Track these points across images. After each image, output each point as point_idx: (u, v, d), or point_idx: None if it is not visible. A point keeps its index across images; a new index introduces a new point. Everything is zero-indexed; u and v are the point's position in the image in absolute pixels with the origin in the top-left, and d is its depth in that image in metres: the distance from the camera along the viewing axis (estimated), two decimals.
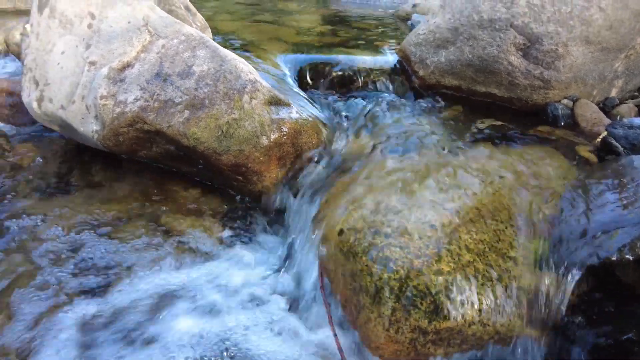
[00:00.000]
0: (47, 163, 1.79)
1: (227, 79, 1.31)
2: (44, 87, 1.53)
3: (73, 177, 1.73)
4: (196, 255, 1.31)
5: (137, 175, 1.69)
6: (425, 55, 1.68)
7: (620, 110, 1.58)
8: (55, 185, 1.67)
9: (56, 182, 1.68)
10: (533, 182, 1.14)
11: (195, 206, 1.51)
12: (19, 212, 1.49)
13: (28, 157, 1.81)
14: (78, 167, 1.76)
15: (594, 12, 1.39)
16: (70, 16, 1.49)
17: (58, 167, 1.76)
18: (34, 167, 1.75)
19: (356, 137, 1.52)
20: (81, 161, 1.77)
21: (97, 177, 1.71)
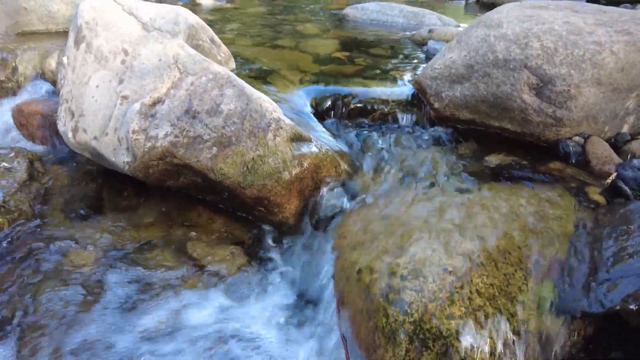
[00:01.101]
0: (78, 186, 1.89)
1: (253, 117, 1.39)
2: (79, 118, 1.63)
3: (103, 201, 1.83)
4: (217, 284, 1.38)
5: (164, 201, 1.78)
6: (440, 88, 1.74)
7: (631, 146, 1.62)
8: (86, 209, 1.77)
9: (87, 206, 1.78)
10: (542, 225, 1.19)
11: (218, 234, 1.59)
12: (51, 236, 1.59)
13: (61, 180, 1.91)
14: (108, 191, 1.86)
15: (606, 56, 1.44)
16: (105, 52, 1.59)
17: (89, 190, 1.86)
18: (66, 191, 1.85)
19: (373, 170, 1.59)
20: (111, 185, 1.86)
21: (126, 202, 1.80)
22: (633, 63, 1.47)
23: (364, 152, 1.68)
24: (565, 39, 1.46)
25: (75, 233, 1.64)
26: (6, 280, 1.43)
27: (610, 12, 1.56)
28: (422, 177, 1.51)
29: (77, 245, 1.59)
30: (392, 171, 1.57)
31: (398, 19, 3.24)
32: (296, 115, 1.74)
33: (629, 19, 1.51)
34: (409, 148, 1.69)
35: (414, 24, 3.21)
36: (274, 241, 1.50)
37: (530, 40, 1.50)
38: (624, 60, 1.45)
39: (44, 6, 2.80)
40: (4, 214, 1.57)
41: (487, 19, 1.67)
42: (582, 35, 1.46)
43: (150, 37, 1.54)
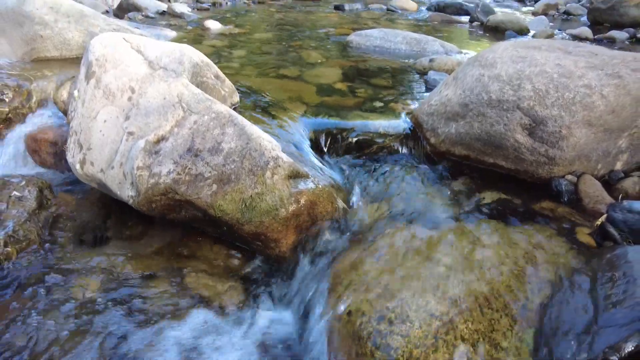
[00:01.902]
0: (85, 214, 1.96)
1: (252, 156, 1.44)
2: (87, 151, 1.70)
3: (108, 229, 1.89)
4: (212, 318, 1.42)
5: (166, 230, 1.83)
6: (436, 125, 1.79)
7: (624, 185, 1.64)
8: (92, 237, 1.83)
9: (93, 234, 1.84)
10: (530, 268, 1.21)
11: (217, 266, 1.63)
12: (57, 265, 1.64)
13: (69, 208, 1.98)
14: (113, 220, 1.92)
15: (596, 99, 1.48)
16: (113, 89, 1.66)
17: (95, 218, 1.93)
18: (73, 219, 1.91)
19: (368, 206, 1.63)
20: (116, 213, 1.93)
21: (130, 231, 1.86)
22: (623, 106, 1.50)
23: (360, 186, 1.72)
24: (557, 82, 1.50)
25: (81, 261, 1.69)
26: (10, 309, 1.48)
27: (601, 55, 1.60)
28: (415, 214, 1.55)
29: (81, 274, 1.65)
30: (387, 207, 1.61)
31: (401, 46, 3.31)
32: (296, 149, 1.80)
33: (619, 62, 1.55)
34: (404, 183, 1.73)
35: (417, 51, 3.27)
36: (270, 275, 1.54)
37: (522, 82, 1.54)
38: (614, 103, 1.49)
39: (60, 34, 2.91)
40: (13, 244, 1.63)
41: (482, 58, 1.72)
42: (572, 78, 1.50)
43: (155, 76, 1.61)
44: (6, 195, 1.80)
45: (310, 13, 5.21)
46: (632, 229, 1.35)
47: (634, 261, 1.13)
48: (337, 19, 4.90)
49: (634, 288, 1.05)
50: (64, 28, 2.91)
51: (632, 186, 1.63)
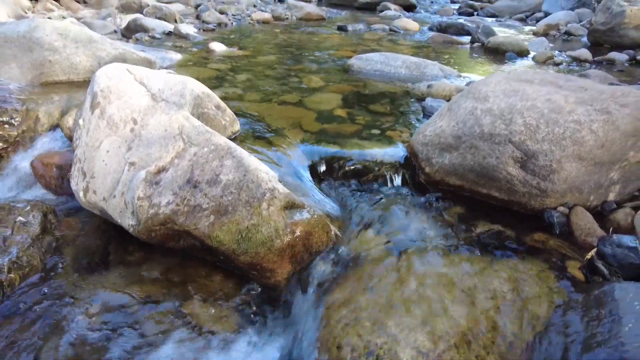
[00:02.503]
0: (87, 239, 2.00)
1: (249, 187, 1.48)
2: (90, 180, 1.75)
3: (110, 254, 1.93)
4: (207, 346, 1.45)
5: (166, 257, 1.87)
6: (431, 155, 1.82)
7: (617, 216, 1.66)
8: (93, 262, 1.86)
9: (94, 260, 1.88)
10: (519, 304, 1.23)
11: (214, 293, 1.66)
12: (59, 291, 1.68)
13: (72, 233, 2.02)
14: (115, 245, 1.96)
15: (585, 134, 1.51)
16: (117, 120, 1.72)
17: (97, 243, 1.97)
18: (76, 244, 1.95)
19: (363, 235, 1.66)
20: (118, 239, 1.97)
21: (131, 257, 1.90)
22: (612, 140, 1.53)
23: (355, 215, 1.75)
24: (547, 117, 1.54)
25: (82, 287, 1.73)
26: (13, 334, 1.52)
27: (591, 90, 1.64)
28: (409, 245, 1.58)
29: (83, 300, 1.68)
30: (381, 237, 1.64)
31: (401, 70, 3.36)
32: (293, 178, 1.84)
33: (608, 97, 1.59)
34: (399, 212, 1.76)
35: (416, 75, 3.33)
36: (266, 303, 1.57)
37: (514, 116, 1.58)
38: (603, 138, 1.52)
39: (68, 59, 2.99)
40: (16, 270, 1.68)
41: (475, 90, 1.76)
42: (562, 113, 1.54)
43: (158, 108, 1.67)
44: (12, 221, 1.85)
45: (313, 34, 5.30)
46: (621, 264, 1.37)
47: (620, 299, 1.15)
48: (339, 40, 4.98)
49: (618, 327, 1.07)
50: (72, 53, 3.00)
51: (624, 218, 1.65)
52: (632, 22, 4.90)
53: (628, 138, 1.56)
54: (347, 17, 7.30)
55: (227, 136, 1.97)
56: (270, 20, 6.09)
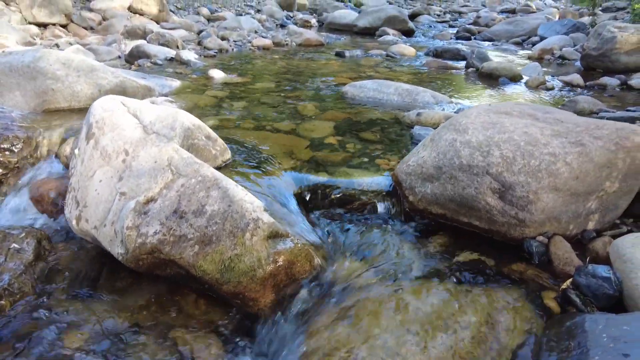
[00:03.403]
0: (79, 264, 2.04)
1: (233, 218, 1.53)
2: (83, 208, 1.80)
3: (100, 281, 1.97)
4: None
5: (155, 284, 1.91)
6: (414, 184, 1.87)
7: (595, 245, 1.69)
8: (84, 288, 1.91)
9: (85, 286, 1.92)
10: (492, 335, 1.26)
11: (200, 320, 1.69)
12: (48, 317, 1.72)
13: (65, 259, 2.07)
14: (105, 272, 2.00)
15: (560, 166, 1.56)
16: (110, 151, 1.79)
17: (89, 270, 2.01)
18: (68, 270, 2.00)
19: (346, 264, 1.70)
20: (109, 265, 2.01)
21: (121, 283, 1.94)
22: (587, 172, 1.58)
23: (339, 243, 1.79)
24: (523, 149, 1.59)
25: (72, 313, 1.77)
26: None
27: (566, 122, 1.69)
28: (391, 274, 1.61)
29: (72, 326, 1.72)
30: (364, 265, 1.68)
31: (393, 97, 3.44)
32: (280, 206, 1.89)
33: (582, 129, 1.64)
34: (383, 240, 1.80)
35: (408, 102, 3.40)
36: (250, 332, 1.60)
37: (491, 148, 1.63)
38: (578, 170, 1.57)
39: (69, 87, 3.09)
40: (7, 297, 1.72)
41: (456, 122, 1.82)
42: (538, 146, 1.59)
43: (148, 140, 1.73)
44: (5, 248, 1.90)
45: (311, 60, 5.43)
46: (595, 294, 1.39)
47: (589, 331, 1.18)
48: (337, 66, 5.10)
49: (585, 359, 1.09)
50: (74, 81, 3.10)
51: (602, 247, 1.67)
52: (623, 47, 4.99)
53: (602, 169, 1.60)
54: (345, 42, 7.46)
55: (218, 165, 2.03)
56: (270, 46, 6.25)
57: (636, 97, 4.24)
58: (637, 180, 1.72)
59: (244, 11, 9.97)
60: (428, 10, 13.88)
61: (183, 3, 9.69)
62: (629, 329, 1.12)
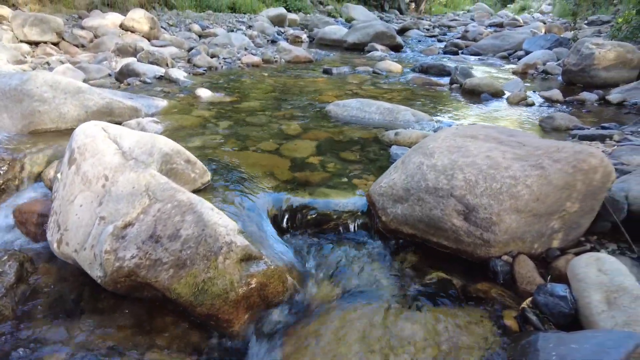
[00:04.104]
0: (61, 286, 2.08)
1: (207, 242, 1.59)
2: (64, 232, 1.85)
3: (82, 302, 2.01)
4: None
5: (135, 305, 1.95)
6: (386, 205, 1.94)
7: (558, 263, 1.76)
8: (66, 310, 1.94)
9: (67, 308, 1.95)
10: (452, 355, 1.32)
11: (178, 341, 1.73)
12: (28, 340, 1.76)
13: (47, 281, 2.11)
14: (87, 293, 2.04)
15: (521, 189, 1.63)
16: (90, 176, 1.84)
17: (71, 291, 2.05)
18: (50, 291, 2.04)
19: (319, 284, 1.75)
20: (90, 287, 2.05)
21: (102, 304, 1.98)
22: (547, 194, 1.65)
23: (313, 263, 1.85)
24: (485, 173, 1.67)
25: (52, 336, 1.81)
26: None
27: (528, 146, 1.77)
28: (361, 293, 1.67)
29: (52, 348, 1.76)
30: (337, 286, 1.73)
31: (375, 116, 3.53)
32: (256, 227, 1.94)
33: (543, 153, 1.72)
34: (356, 260, 1.86)
35: (389, 120, 3.48)
36: (226, 352, 1.64)
37: (455, 172, 1.71)
38: (538, 192, 1.64)
39: (56, 109, 3.15)
40: None
41: (424, 146, 1.90)
42: (499, 169, 1.66)
43: (127, 166, 1.79)
44: None
45: (299, 78, 5.53)
46: (552, 313, 1.46)
47: (540, 349, 1.24)
48: (323, 84, 5.20)
49: None
50: (61, 103, 3.16)
51: (564, 265, 1.74)
52: (601, 63, 5.14)
53: (562, 191, 1.68)
54: (334, 58, 7.59)
55: (197, 188, 2.09)
56: (259, 63, 6.35)
57: (613, 112, 4.36)
58: (596, 200, 1.80)
59: (235, 27, 10.11)
60: (417, 25, 14.12)
61: (175, 20, 9.81)
62: (577, 347, 1.18)
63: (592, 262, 1.49)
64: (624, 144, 2.65)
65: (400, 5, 21.50)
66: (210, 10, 11.32)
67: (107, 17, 8.02)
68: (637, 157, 2.39)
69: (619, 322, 1.29)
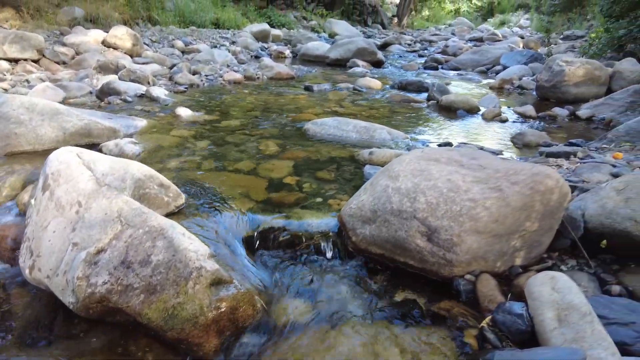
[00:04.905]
0: (35, 311, 2.08)
1: (177, 267, 1.62)
2: (36, 258, 1.87)
3: (55, 327, 2.01)
4: None
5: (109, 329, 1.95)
6: (356, 225, 2.00)
7: (519, 281, 1.83)
8: (39, 335, 1.94)
9: (40, 333, 1.96)
10: None
11: None
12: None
13: (20, 306, 2.11)
14: (60, 318, 2.05)
15: (480, 211, 1.71)
16: (64, 202, 1.87)
17: (44, 316, 2.05)
18: (23, 317, 2.04)
19: (290, 305, 1.79)
20: (64, 311, 2.06)
21: (76, 329, 1.99)
22: (505, 215, 1.73)
23: (285, 285, 1.89)
24: (446, 196, 1.74)
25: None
26: None
27: (488, 169, 1.85)
28: (330, 314, 1.72)
29: None
30: (307, 308, 1.78)
31: (352, 134, 3.61)
32: (228, 250, 1.98)
33: (501, 175, 1.80)
34: (327, 281, 1.91)
35: (366, 139, 3.57)
36: None
37: (418, 195, 1.78)
38: (496, 214, 1.72)
39: (33, 131, 3.17)
40: None
41: (391, 169, 1.97)
42: (459, 192, 1.74)
43: (100, 192, 1.83)
44: None
45: (280, 95, 5.60)
46: (510, 331, 1.53)
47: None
48: (304, 101, 5.28)
49: None
50: (38, 125, 3.18)
51: (525, 282, 1.82)
52: (571, 79, 5.33)
53: (520, 212, 1.76)
54: (317, 74, 7.70)
55: (171, 211, 2.13)
56: (241, 80, 6.42)
57: (582, 127, 4.52)
58: (554, 219, 1.89)
59: (218, 43, 10.19)
60: (399, 40, 14.40)
61: (158, 36, 9.86)
62: None
63: (546, 281, 1.56)
64: (586, 161, 2.77)
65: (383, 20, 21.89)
66: (194, 26, 11.40)
67: (89, 34, 8.03)
68: (596, 175, 2.50)
69: (568, 339, 1.36)
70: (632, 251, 1.83)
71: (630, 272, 1.83)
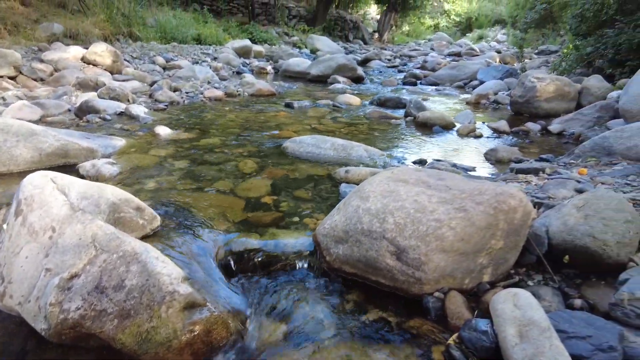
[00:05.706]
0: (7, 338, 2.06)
1: (150, 292, 1.64)
2: (7, 284, 1.86)
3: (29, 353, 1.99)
4: None
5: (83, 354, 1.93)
6: (329, 245, 2.05)
7: (487, 297, 1.90)
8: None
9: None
10: None
11: None
12: None
13: None
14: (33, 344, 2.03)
15: (445, 231, 1.78)
16: (37, 227, 1.87)
17: (16, 342, 2.03)
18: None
19: (264, 327, 1.82)
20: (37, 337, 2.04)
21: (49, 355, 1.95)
22: (470, 234, 1.80)
23: (260, 306, 1.92)
24: (413, 216, 1.81)
25: None
26: None
27: (454, 189, 1.93)
28: (304, 334, 1.75)
29: None
30: (281, 327, 1.81)
31: (329, 152, 3.67)
32: (203, 272, 2.01)
33: (466, 196, 1.88)
34: (301, 301, 1.94)
35: (343, 156, 3.64)
36: None
37: (387, 216, 1.84)
38: (462, 233, 1.79)
39: (7, 152, 3.15)
40: None
41: (362, 189, 2.03)
42: (425, 213, 1.81)
43: (74, 217, 1.84)
44: None
45: (261, 112, 5.66)
46: (475, 347, 1.58)
47: None
48: (284, 118, 5.35)
49: None
50: (12, 146, 3.16)
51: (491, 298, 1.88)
52: (543, 95, 5.52)
53: (485, 230, 1.83)
54: (297, 91, 7.80)
55: (146, 234, 2.15)
56: (222, 97, 6.46)
57: (554, 142, 4.68)
58: (519, 236, 1.97)
59: (200, 59, 10.24)
60: (379, 55, 14.67)
61: (139, 52, 9.86)
62: None
63: (509, 298, 1.63)
64: (554, 177, 2.88)
65: (364, 35, 22.29)
66: (175, 42, 11.44)
67: (68, 50, 7.99)
68: (562, 191, 2.61)
69: (528, 354, 1.42)
70: (592, 266, 1.92)
71: (591, 286, 1.92)
